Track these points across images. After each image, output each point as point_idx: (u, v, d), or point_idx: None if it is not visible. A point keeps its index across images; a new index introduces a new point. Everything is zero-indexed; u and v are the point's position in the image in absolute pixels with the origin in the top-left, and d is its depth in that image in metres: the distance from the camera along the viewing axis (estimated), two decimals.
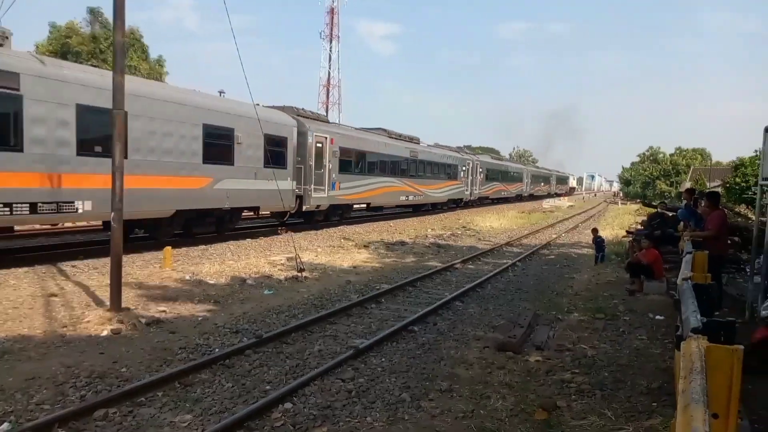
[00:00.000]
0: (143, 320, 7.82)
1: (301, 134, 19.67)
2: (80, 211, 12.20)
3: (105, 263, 11.55)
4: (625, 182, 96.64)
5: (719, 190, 33.16)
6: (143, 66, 38.82)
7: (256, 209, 18.69)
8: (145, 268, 11.88)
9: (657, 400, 5.53)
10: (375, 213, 29.37)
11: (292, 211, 19.98)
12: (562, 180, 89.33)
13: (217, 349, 6.81)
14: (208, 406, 5.19)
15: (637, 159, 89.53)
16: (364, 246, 17.29)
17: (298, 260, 12.26)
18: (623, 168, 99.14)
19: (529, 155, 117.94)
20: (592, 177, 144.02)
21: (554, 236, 23.36)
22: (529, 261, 15.94)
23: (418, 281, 11.75)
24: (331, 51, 70.82)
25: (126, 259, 11.82)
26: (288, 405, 5.19)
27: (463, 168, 38.02)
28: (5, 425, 4.60)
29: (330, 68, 71.26)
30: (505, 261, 15.26)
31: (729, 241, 12.34)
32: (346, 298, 10.00)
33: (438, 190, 33.81)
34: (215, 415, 5.00)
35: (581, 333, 8.05)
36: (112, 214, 8.17)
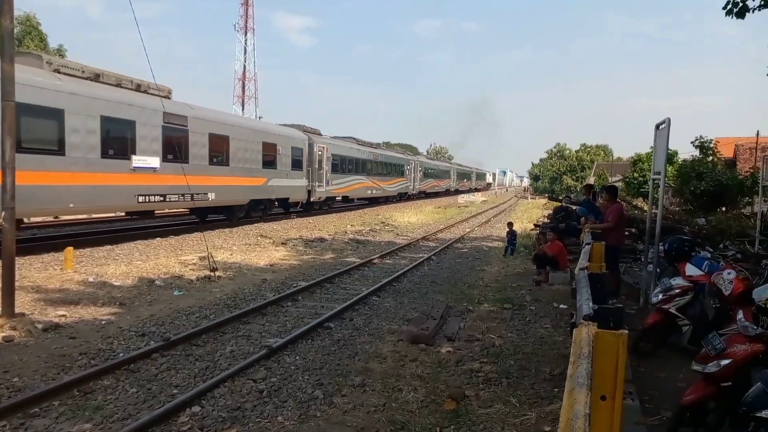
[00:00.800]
0: (39, 326, 7.33)
1: (310, 145, 27.26)
2: (210, 199, 19.22)
3: None
4: (534, 178, 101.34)
5: (619, 184, 35.41)
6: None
7: (286, 199, 25.36)
8: (44, 270, 11.15)
9: (558, 385, 5.83)
10: (349, 204, 36.33)
11: (303, 201, 26.91)
12: (481, 176, 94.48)
13: (121, 354, 6.51)
14: (110, 414, 4.95)
15: (545, 155, 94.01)
16: (282, 243, 17.08)
17: (211, 259, 11.92)
18: (533, 164, 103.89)
19: (445, 152, 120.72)
20: (504, 173, 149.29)
21: (468, 230, 24.06)
22: (443, 255, 16.33)
23: (335, 277, 11.75)
24: (246, 43, 69.35)
25: (22, 262, 11.08)
26: (196, 408, 5.04)
27: (408, 167, 46.00)
28: None
29: (245, 61, 69.79)
30: (421, 255, 15.56)
31: (626, 233, 13.22)
32: (261, 296, 9.84)
33: (391, 186, 41.85)
34: (117, 422, 4.78)
35: (490, 323, 8.36)
36: (3, 213, 7.60)
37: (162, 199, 17.02)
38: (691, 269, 6.97)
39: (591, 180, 52.02)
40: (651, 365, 6.35)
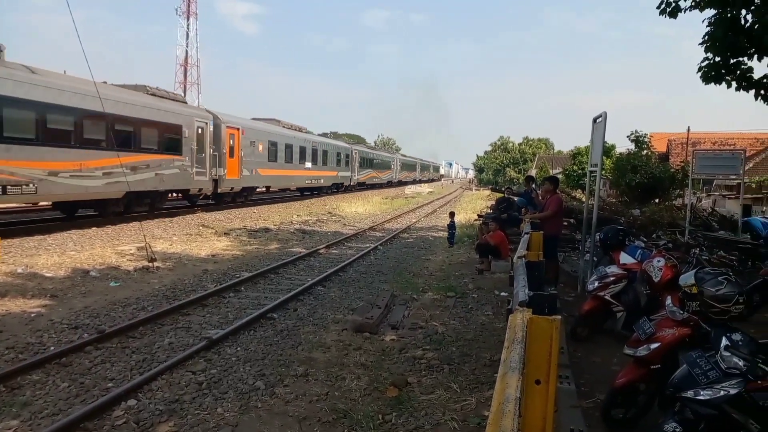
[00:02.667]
0: None
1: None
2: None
3: None
4: (479, 169, 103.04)
5: (560, 176, 36.46)
6: None
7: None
8: None
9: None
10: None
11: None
12: (426, 167, 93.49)
13: (52, 347, 6.24)
14: (39, 409, 4.74)
15: (490, 148, 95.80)
16: (225, 233, 16.74)
17: (149, 249, 11.55)
18: (477, 156, 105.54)
19: (392, 143, 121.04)
20: (450, 165, 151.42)
21: (414, 220, 24.27)
22: (390, 244, 16.41)
23: (280, 268, 11.61)
24: (188, 28, 67.23)
25: None
26: (132, 402, 4.89)
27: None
28: None
29: (187, 46, 67.70)
30: (367, 245, 15.59)
31: (565, 223, 13.64)
32: (202, 287, 9.62)
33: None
34: (47, 418, 4.59)
35: (434, 311, 8.47)
36: None
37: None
38: (624, 257, 7.27)
39: (533, 172, 53.37)
40: (587, 350, 6.58)
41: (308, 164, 33.70)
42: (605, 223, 11.87)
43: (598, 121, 9.30)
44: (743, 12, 9.12)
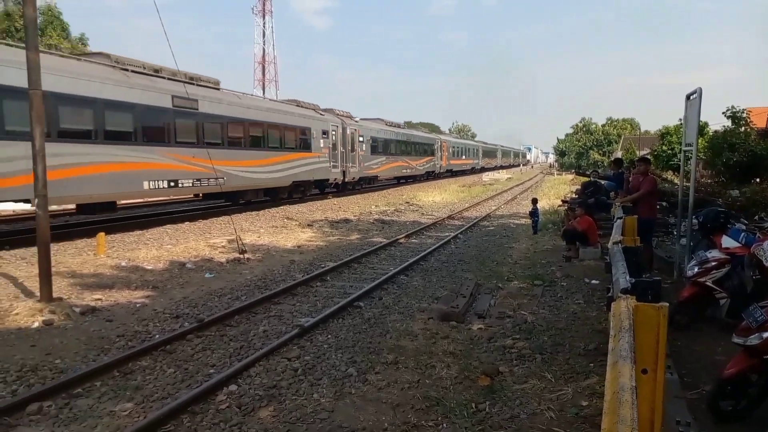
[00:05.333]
0: (77, 309, 7.51)
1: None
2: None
3: (33, 253, 11.01)
4: (560, 153, 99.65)
5: (648, 157, 34.65)
6: (64, 44, 36.63)
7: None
8: (78, 255, 11.39)
9: (594, 360, 5.78)
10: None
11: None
12: (507, 153, 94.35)
13: (157, 335, 6.63)
14: (150, 393, 5.05)
15: (571, 130, 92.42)
16: (308, 225, 17.17)
17: (240, 242, 12.04)
18: (558, 140, 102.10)
19: (467, 130, 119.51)
20: (529, 149, 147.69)
21: (494, 208, 23.88)
22: (470, 233, 16.24)
23: (363, 257, 11.77)
24: (264, 26, 69.20)
25: (57, 248, 11.33)
26: (233, 387, 5.12)
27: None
28: None
29: (264, 44, 69.70)
30: (447, 234, 15.50)
31: (657, 206, 12.96)
32: (291, 277, 9.91)
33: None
34: (157, 402, 4.88)
35: (521, 300, 8.30)
36: (36, 200, 7.75)
37: None
38: (727, 241, 6.79)
39: (618, 154, 51.03)
40: (687, 339, 6.24)
41: (406, 156, 39.08)
42: (701, 205, 11.17)
43: (692, 97, 8.73)
44: None
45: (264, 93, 67.49)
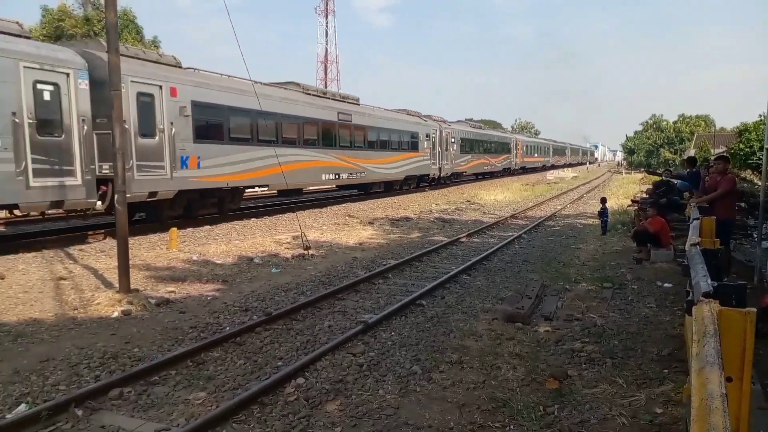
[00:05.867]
0: (153, 301, 7.86)
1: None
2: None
3: (112, 246, 11.60)
4: (629, 151, 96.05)
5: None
6: (138, 47, 38.44)
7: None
8: (152, 249, 11.93)
9: (668, 366, 5.55)
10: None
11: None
12: (575, 151, 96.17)
13: (227, 327, 6.86)
14: (222, 383, 5.23)
15: (641, 127, 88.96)
16: (369, 223, 17.30)
17: (304, 238, 12.27)
18: (627, 137, 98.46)
19: (530, 127, 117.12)
20: (596, 147, 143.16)
21: (559, 207, 23.30)
22: (534, 233, 15.92)
23: (424, 256, 11.76)
24: (327, 26, 70.21)
25: (132, 242, 11.85)
26: (300, 380, 5.22)
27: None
28: (22, 406, 4.66)
29: (327, 44, 70.72)
30: (510, 233, 15.25)
31: (736, 207, 12.30)
32: (353, 274, 10.02)
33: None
34: (229, 392, 5.04)
35: (590, 302, 8.07)
36: (116, 196, 8.16)
37: None
38: None
39: (691, 152, 48.76)
40: None
41: (487, 154, 43.25)
42: None
43: None
44: None
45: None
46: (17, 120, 10.75)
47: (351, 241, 13.90)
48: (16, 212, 11.78)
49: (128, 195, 12.24)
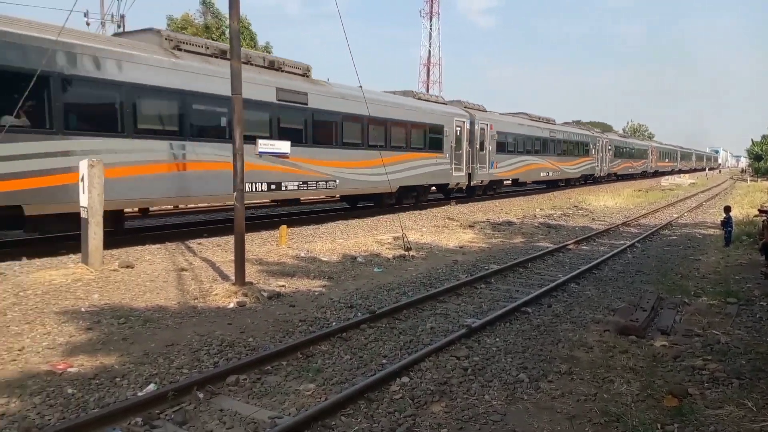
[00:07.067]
0: (265, 294, 8.26)
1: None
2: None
3: (227, 240, 12.36)
4: (756, 157, 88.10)
5: None
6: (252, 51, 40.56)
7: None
8: (263, 245, 12.53)
9: None
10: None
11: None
12: (687, 156, 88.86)
13: (334, 323, 7.06)
14: (329, 377, 5.39)
15: None
16: (469, 226, 17.14)
17: (405, 239, 12.38)
18: (753, 142, 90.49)
19: (644, 130, 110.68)
20: (716, 152, 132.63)
21: (675, 216, 21.83)
22: (648, 242, 15.02)
23: (528, 262, 11.45)
24: (431, 29, 70.35)
25: (246, 237, 12.55)
26: (405, 379, 5.26)
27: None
28: (151, 386, 5.06)
29: (430, 46, 70.86)
30: (622, 242, 14.50)
31: None
32: (455, 277, 9.96)
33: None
34: (336, 385, 5.18)
35: (711, 318, 7.49)
36: (235, 194, 8.65)
37: None
38: None
39: None
40: None
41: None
42: None
43: None
44: None
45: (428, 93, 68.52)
46: None
47: (451, 243, 13.84)
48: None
49: None
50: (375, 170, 18.09)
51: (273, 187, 14.94)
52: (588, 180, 42.04)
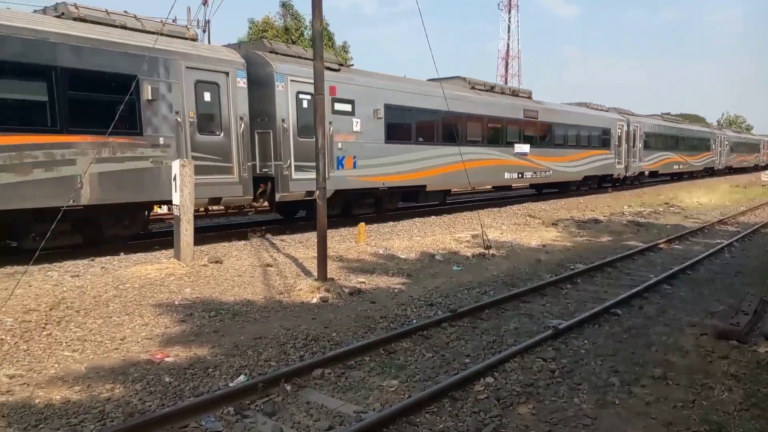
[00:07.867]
0: (346, 290, 8.39)
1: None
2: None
3: (308, 237, 12.68)
4: None
5: None
6: (330, 52, 41.25)
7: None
8: (343, 242, 12.73)
9: None
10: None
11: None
12: None
13: (414, 320, 7.06)
14: (412, 374, 5.39)
15: None
16: (552, 224, 16.68)
17: (485, 237, 12.19)
18: None
19: (741, 121, 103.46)
20: None
21: None
22: (749, 241, 14.01)
23: (617, 261, 10.97)
24: (509, 21, 69.01)
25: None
26: (489, 379, 5.17)
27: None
28: (242, 377, 5.26)
29: (509, 39, 69.53)
30: (719, 241, 13.60)
31: None
32: (538, 277, 9.71)
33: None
34: (419, 383, 5.18)
35: None
36: (317, 192, 8.84)
37: None
38: None
39: None
40: None
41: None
42: None
43: None
44: None
45: None
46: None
47: (533, 242, 13.50)
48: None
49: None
50: (571, 164, 25.38)
51: (519, 175, 22.01)
52: (709, 172, 45.97)
